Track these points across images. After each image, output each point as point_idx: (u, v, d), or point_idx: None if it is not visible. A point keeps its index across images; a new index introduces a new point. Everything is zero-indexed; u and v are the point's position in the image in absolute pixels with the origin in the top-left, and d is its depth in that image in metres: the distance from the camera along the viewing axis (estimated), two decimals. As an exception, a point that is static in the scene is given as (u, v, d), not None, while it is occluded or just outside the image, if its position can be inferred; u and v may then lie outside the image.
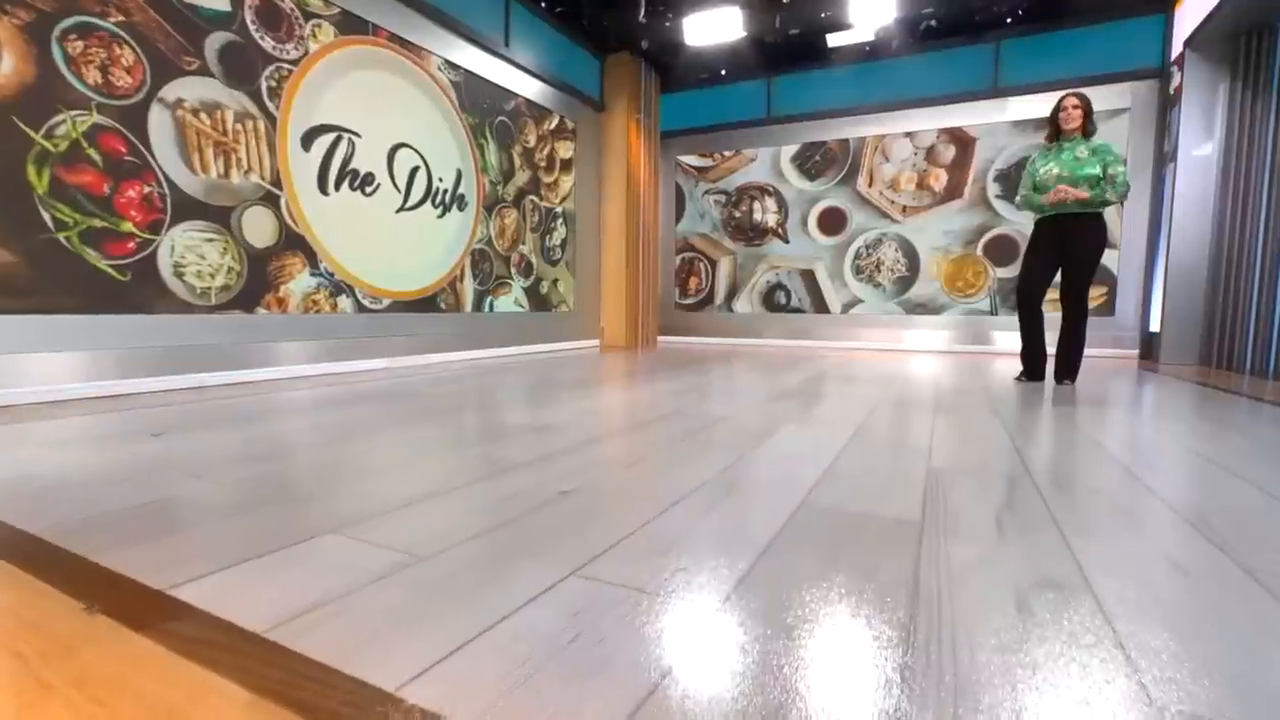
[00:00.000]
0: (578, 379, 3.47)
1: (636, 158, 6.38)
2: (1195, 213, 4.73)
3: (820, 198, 6.60)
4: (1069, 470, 1.56)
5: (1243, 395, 3.14)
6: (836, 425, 2.12)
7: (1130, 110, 5.38)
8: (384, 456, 1.64)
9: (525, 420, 2.16)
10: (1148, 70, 5.29)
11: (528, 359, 4.79)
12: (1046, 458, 1.68)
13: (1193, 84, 4.69)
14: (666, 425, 2.10)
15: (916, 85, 6.04)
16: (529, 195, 5.31)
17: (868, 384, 3.37)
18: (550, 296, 5.70)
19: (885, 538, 1.09)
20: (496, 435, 1.91)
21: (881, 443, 1.85)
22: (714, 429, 2.04)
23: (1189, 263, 4.76)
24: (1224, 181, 4.58)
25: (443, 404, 2.54)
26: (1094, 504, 1.30)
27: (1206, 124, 4.68)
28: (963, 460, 1.65)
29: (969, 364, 4.86)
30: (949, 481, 1.44)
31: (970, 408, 2.54)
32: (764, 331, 6.92)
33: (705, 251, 7.18)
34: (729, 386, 3.16)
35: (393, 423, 2.11)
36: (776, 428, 2.06)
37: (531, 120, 5.30)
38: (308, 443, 1.81)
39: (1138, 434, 2.04)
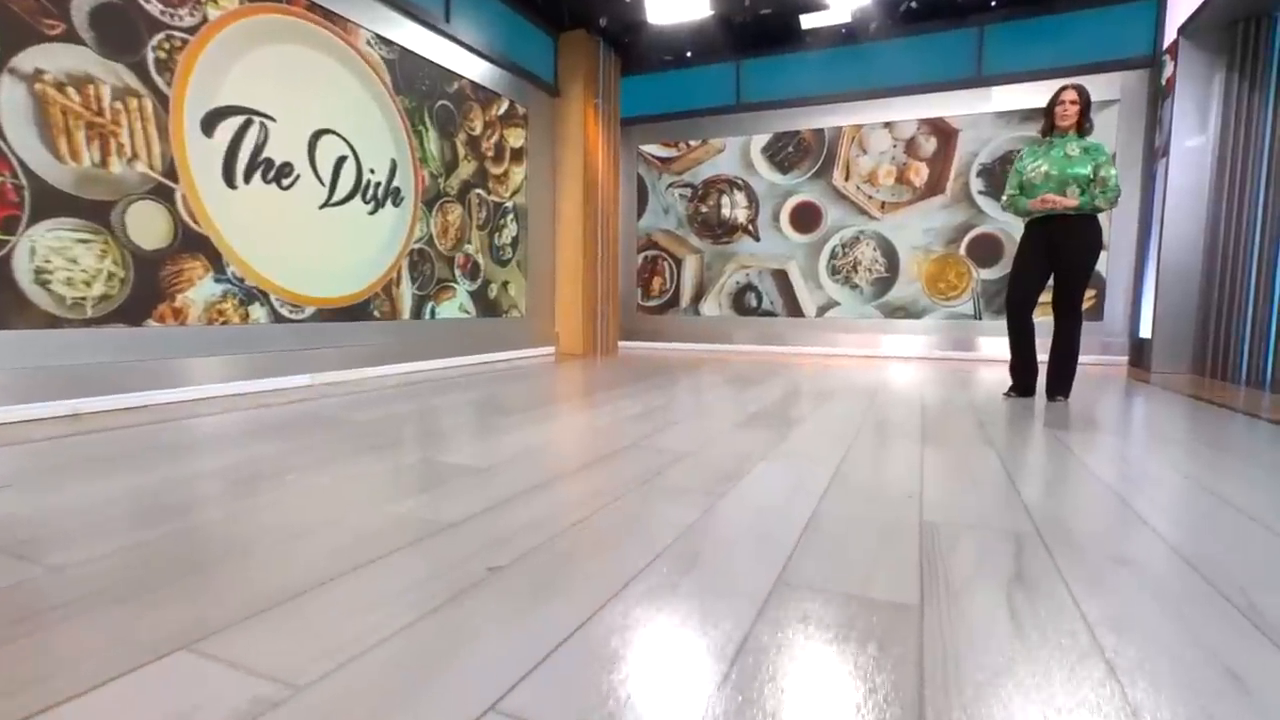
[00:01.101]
0: (526, 399, 3.31)
1: (594, 147, 6.25)
2: (1188, 211, 4.78)
3: (793, 192, 6.56)
4: (1081, 525, 1.46)
5: (1253, 415, 3.13)
6: (815, 461, 2.00)
7: (1120, 102, 5.43)
8: (283, 517, 1.45)
9: (460, 459, 1.99)
10: (1139, 59, 5.35)
11: (474, 371, 4.62)
12: (1052, 507, 1.58)
13: (1186, 74, 4.73)
14: (622, 464, 1.95)
15: (896, 72, 6.03)
16: (475, 188, 5.14)
17: (846, 401, 3.30)
18: (500, 300, 5.53)
19: (879, 638, 0.95)
20: (424, 481, 1.73)
21: (866, 486, 1.73)
22: (677, 469, 1.89)
23: (1181, 265, 4.82)
24: (1218, 178, 4.63)
25: (368, 435, 2.34)
26: (1121, 580, 1.19)
27: (1200, 117, 4.73)
28: (960, 509, 1.53)
29: (953, 373, 4.86)
30: (947, 543, 1.32)
31: (960, 434, 2.45)
32: (733, 336, 6.86)
33: (669, 249, 7.10)
34: (694, 407, 3.03)
35: (304, 463, 1.91)
36: (748, 466, 1.93)
37: (477, 105, 5.12)
38: (191, 498, 1.60)
39: (1146, 470, 1.97)
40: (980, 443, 2.30)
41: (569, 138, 6.16)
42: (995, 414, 2.94)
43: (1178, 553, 1.29)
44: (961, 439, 2.36)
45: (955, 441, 2.32)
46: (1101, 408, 3.21)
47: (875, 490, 1.70)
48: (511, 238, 5.64)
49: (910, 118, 6.10)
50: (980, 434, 2.46)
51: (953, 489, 1.72)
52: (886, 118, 6.18)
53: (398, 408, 3.01)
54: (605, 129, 6.38)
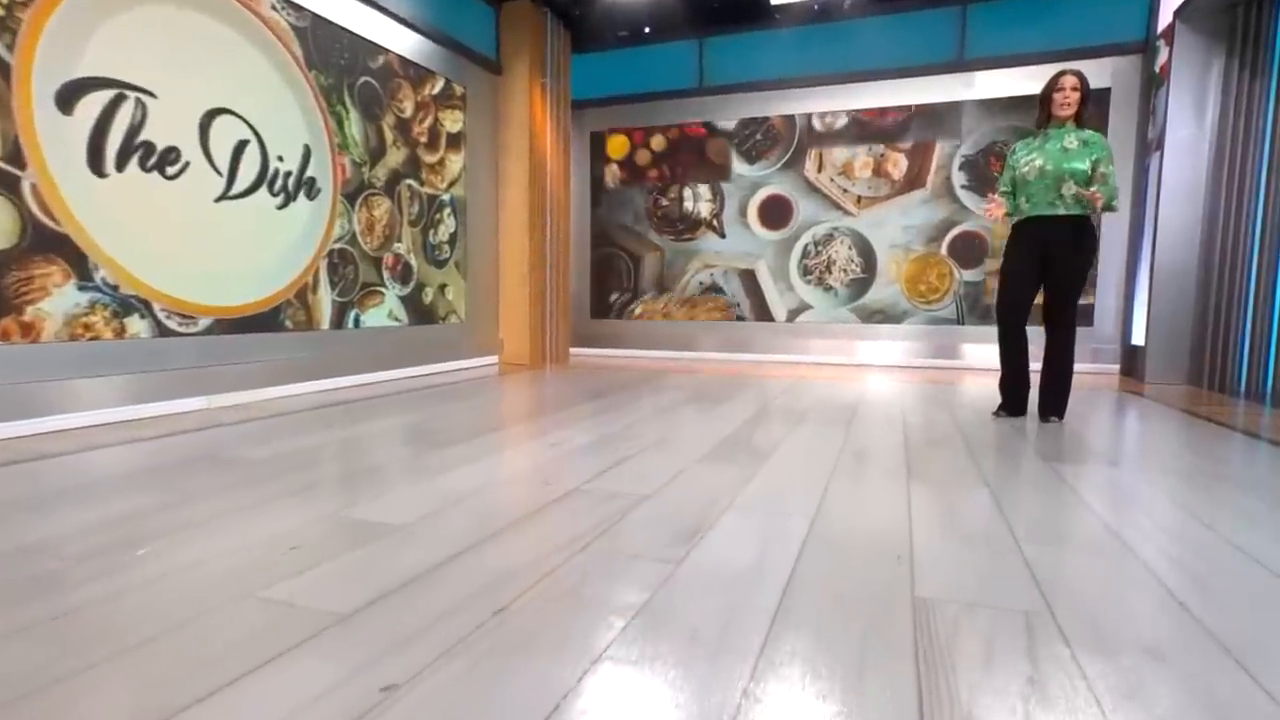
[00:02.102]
0: (461, 426, 3.12)
1: (542, 132, 6.11)
2: (1183, 209, 4.84)
3: (761, 184, 6.53)
4: (1098, 600, 1.34)
5: (1253, 435, 3.14)
6: (788, 509, 1.86)
7: (1110, 90, 5.49)
8: (122, 615, 1.24)
9: (372, 513, 1.79)
10: (1131, 44, 5.42)
11: (406, 388, 4.41)
12: (1062, 572, 1.47)
13: (1182, 60, 4.78)
14: (567, 516, 1.78)
15: (872, 54, 6.03)
16: (406, 179, 4.94)
17: (821, 423, 3.20)
18: (436, 306, 5.33)
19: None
20: (323, 548, 1.53)
21: (848, 545, 1.60)
22: (630, 522, 1.73)
23: (1176, 267, 4.87)
24: (1216, 172, 4.69)
25: (263, 479, 2.12)
26: (1158, 684, 1.07)
27: (1197, 106, 4.79)
28: (957, 578, 1.41)
29: (935, 385, 4.84)
30: (946, 629, 1.19)
31: (949, 469, 2.35)
32: (697, 343, 6.79)
33: (626, 246, 7.00)
34: (652, 435, 2.88)
35: (170, 525, 1.69)
36: (712, 517, 1.79)
37: (407, 83, 4.90)
38: (7, 584, 1.38)
39: (1159, 518, 1.89)
40: (972, 481, 2.20)
41: (513, 121, 6.00)
42: (985, 440, 2.87)
43: (1214, 637, 1.18)
44: (951, 475, 2.27)
45: (944, 479, 2.22)
46: (1098, 430, 3.18)
47: (858, 550, 1.56)
48: (449, 235, 5.45)
49: (890, 104, 6.07)
50: (971, 468, 2.37)
51: (947, 547, 1.60)
52: (862, 104, 6.16)
53: (307, 439, 2.78)
54: (554, 112, 6.23)
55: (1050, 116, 3.11)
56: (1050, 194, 3.07)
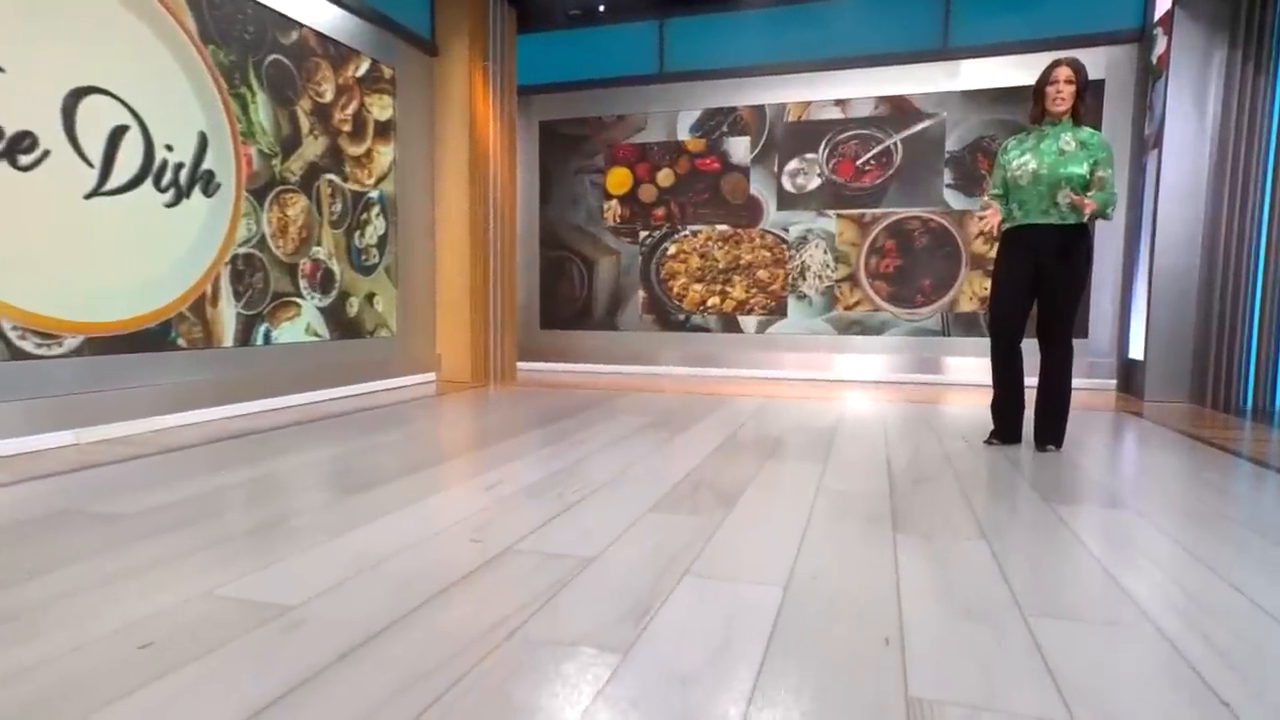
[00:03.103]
0: (381, 463, 2.94)
1: (484, 121, 5.99)
2: (1183, 211, 4.88)
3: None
4: (1127, 700, 1.22)
5: (1260, 463, 3.12)
6: (757, 574, 1.72)
7: (1104, 82, 5.53)
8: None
9: (258, 588, 1.60)
10: (1126, 33, 5.48)
11: (325, 412, 4.23)
12: (1080, 658, 1.35)
13: (1182, 51, 4.82)
14: (495, 588, 1.61)
15: (850, 39, 6.03)
16: (326, 173, 4.77)
17: (795, 456, 3.11)
18: (363, 318, 5.16)
19: None
20: (170, 653, 1.34)
21: (827, 626, 1.46)
22: (569, 595, 1.57)
23: (1176, 274, 4.91)
24: (1218, 171, 4.73)
25: (124, 543, 1.91)
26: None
27: (1197, 100, 4.83)
28: (957, 671, 1.27)
29: (919, 405, 4.82)
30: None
31: (940, 515, 2.25)
32: (658, 357, 6.76)
33: (579, 249, 6.95)
34: (603, 475, 2.73)
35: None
36: (666, 587, 1.63)
37: (326, 63, 4.72)
38: None
39: (1180, 574, 1.79)
40: (967, 530, 2.09)
41: (452, 108, 5.87)
42: (978, 476, 2.80)
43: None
44: (942, 523, 2.16)
45: (935, 528, 2.11)
46: (1098, 461, 3.14)
47: (840, 631, 1.42)
48: (377, 237, 5.29)
49: (866, 95, 6.10)
50: (965, 513, 2.27)
51: (943, 624, 1.47)
52: (838, 94, 6.18)
53: (196, 484, 2.56)
54: (498, 98, 6.11)
55: (1044, 112, 3.07)
56: (1044, 201, 3.04)
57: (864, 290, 6.22)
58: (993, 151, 5.50)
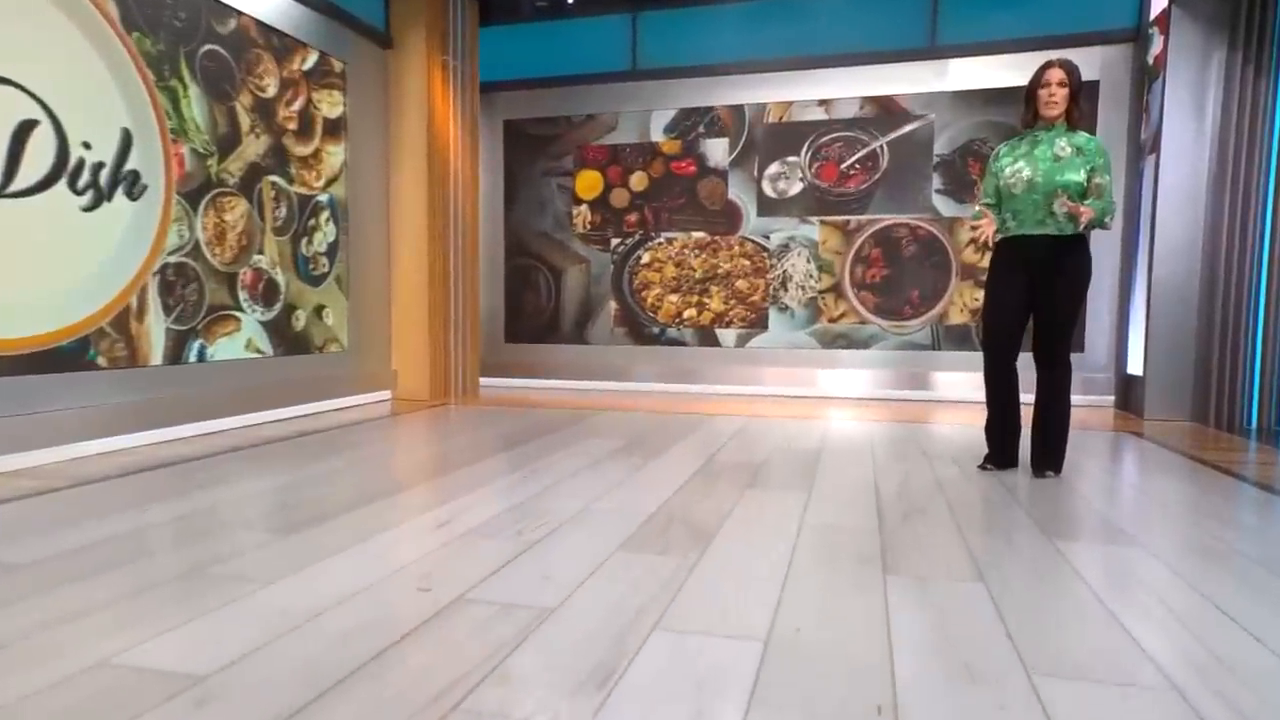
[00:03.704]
0: (324, 495, 2.81)
1: (444, 119, 5.91)
2: (1182, 219, 4.90)
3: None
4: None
5: (1268, 489, 3.10)
6: (734, 627, 1.62)
7: (1099, 84, 5.56)
8: None
9: (157, 657, 1.45)
10: (1120, 32, 5.51)
11: (267, 436, 4.09)
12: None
13: (1179, 51, 4.83)
14: (437, 652, 1.48)
15: (834, 36, 6.05)
16: (269, 175, 4.67)
17: (777, 485, 3.07)
18: (310, 332, 5.06)
19: None
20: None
21: (812, 692, 1.36)
22: (521, 659, 1.45)
23: (1177, 284, 4.92)
24: (1218, 177, 4.74)
25: (13, 600, 1.75)
26: None
27: (1196, 103, 4.85)
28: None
29: (909, 424, 4.80)
30: None
31: (934, 554, 2.16)
32: (631, 372, 6.73)
33: (546, 257, 6.92)
34: (568, 508, 2.63)
35: None
36: (633, 644, 1.53)
37: (269, 54, 4.62)
38: None
39: (1196, 624, 1.71)
40: (964, 572, 2.01)
41: (408, 106, 5.80)
42: (973, 506, 2.75)
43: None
44: (937, 564, 2.08)
45: (929, 569, 2.03)
46: (1100, 489, 3.11)
47: (827, 699, 1.33)
48: (327, 244, 5.21)
49: (851, 95, 6.11)
50: (961, 551, 2.19)
51: (940, 688, 1.37)
52: (821, 94, 6.18)
53: (103, 526, 2.39)
54: (459, 96, 6.05)
55: (1037, 116, 3.06)
56: (1040, 211, 3.01)
57: (849, 301, 6.19)
58: (984, 155, 5.50)
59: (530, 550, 2.15)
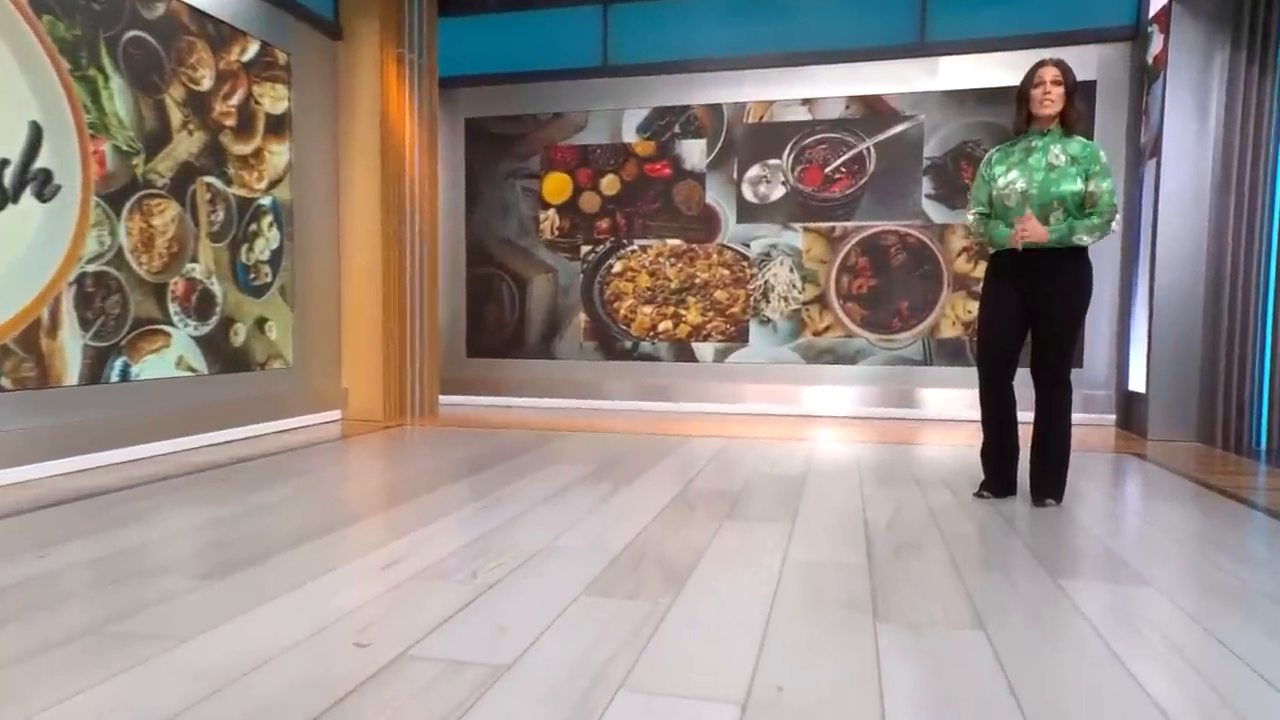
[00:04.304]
0: (259, 532, 2.69)
1: (399, 117, 5.87)
2: (1185, 227, 4.90)
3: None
4: None
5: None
6: (708, 689, 1.53)
7: (1096, 84, 5.59)
8: None
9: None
10: (1118, 30, 5.55)
11: (201, 463, 3.99)
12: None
13: (1180, 50, 4.85)
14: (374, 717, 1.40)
15: (818, 32, 6.07)
16: (204, 176, 4.58)
17: (757, 516, 3.01)
18: (251, 348, 4.98)
19: None
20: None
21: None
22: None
23: (1180, 295, 4.93)
24: (1222, 182, 4.76)
25: None
26: None
27: (1198, 104, 4.86)
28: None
29: (898, 446, 4.81)
30: None
31: (929, 597, 2.10)
32: (602, 389, 6.71)
33: (510, 266, 6.89)
34: (529, 545, 2.52)
35: None
36: (595, 708, 1.45)
37: (203, 43, 4.53)
38: None
39: (1217, 677, 1.65)
40: (962, 619, 1.94)
41: (360, 102, 5.74)
42: (969, 540, 2.70)
43: None
44: (933, 609, 2.00)
45: (924, 616, 1.96)
46: (1104, 519, 3.08)
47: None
48: (270, 251, 5.12)
49: (836, 94, 6.12)
50: (958, 595, 2.12)
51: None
52: (805, 92, 6.19)
53: (8, 568, 2.28)
54: (416, 91, 6.02)
55: (1030, 118, 3.06)
56: None
57: (835, 314, 6.17)
58: (977, 158, 5.48)
59: (485, 595, 2.05)
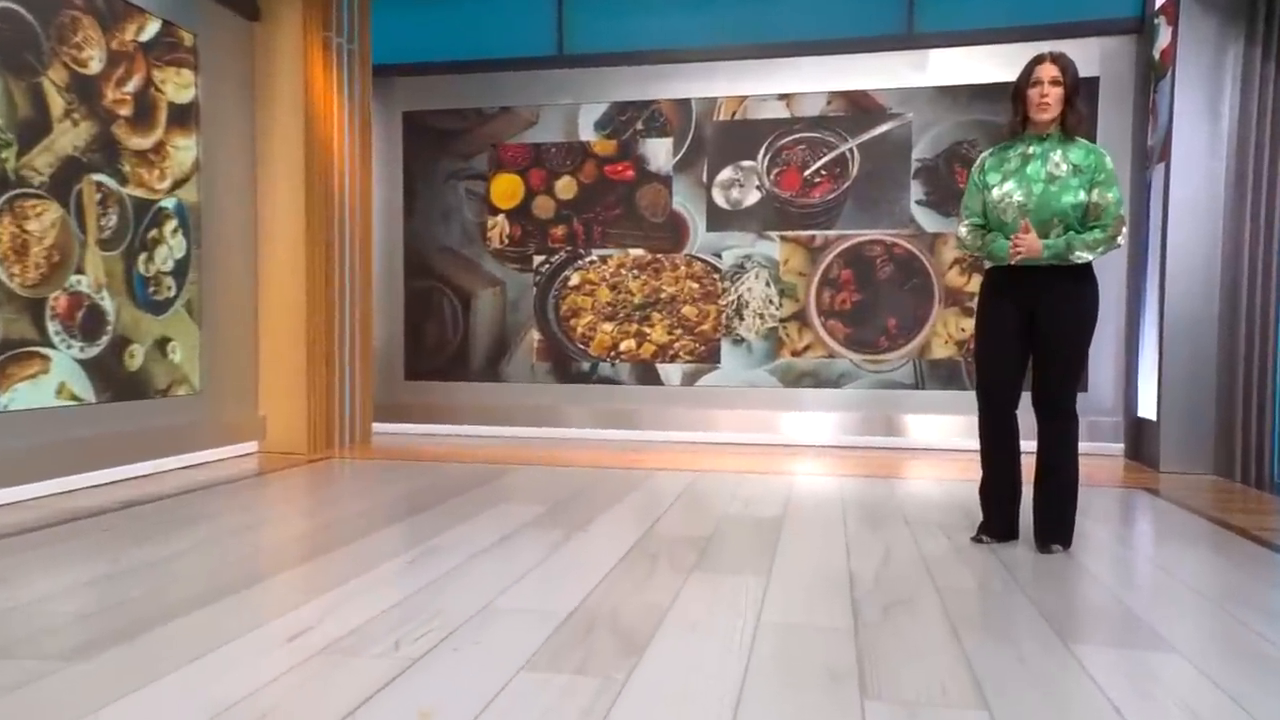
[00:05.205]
0: (132, 600, 2.54)
1: (327, 109, 5.81)
2: (1198, 237, 4.93)
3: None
4: None
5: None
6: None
7: (1099, 81, 5.64)
8: None
9: None
10: (1122, 22, 5.61)
11: (84, 507, 3.84)
12: None
13: (1190, 44, 4.88)
14: None
15: (796, 22, 6.12)
16: (94, 173, 4.46)
17: (730, 568, 2.97)
18: (150, 372, 4.86)
19: None
20: None
21: None
22: None
23: (1192, 312, 4.96)
24: (1237, 188, 4.79)
25: None
26: None
27: (1211, 104, 4.90)
28: None
29: (887, 480, 4.89)
30: None
31: (923, 667, 2.05)
32: (556, 416, 6.72)
33: (453, 279, 6.86)
34: (463, 607, 2.41)
35: None
36: None
37: (91, 20, 4.41)
38: None
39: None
40: (962, 695, 1.86)
41: (280, 91, 5.67)
42: (968, 595, 2.67)
43: None
44: (928, 684, 1.94)
45: (918, 691, 1.90)
46: (1117, 568, 3.08)
47: None
48: (174, 262, 5.01)
49: (817, 89, 6.11)
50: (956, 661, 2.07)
51: None
52: (782, 87, 6.17)
53: None
54: (347, 80, 6.00)
55: (1026, 121, 3.08)
56: None
57: (816, 332, 6.16)
58: (972, 160, 5.51)
59: (408, 672, 1.93)
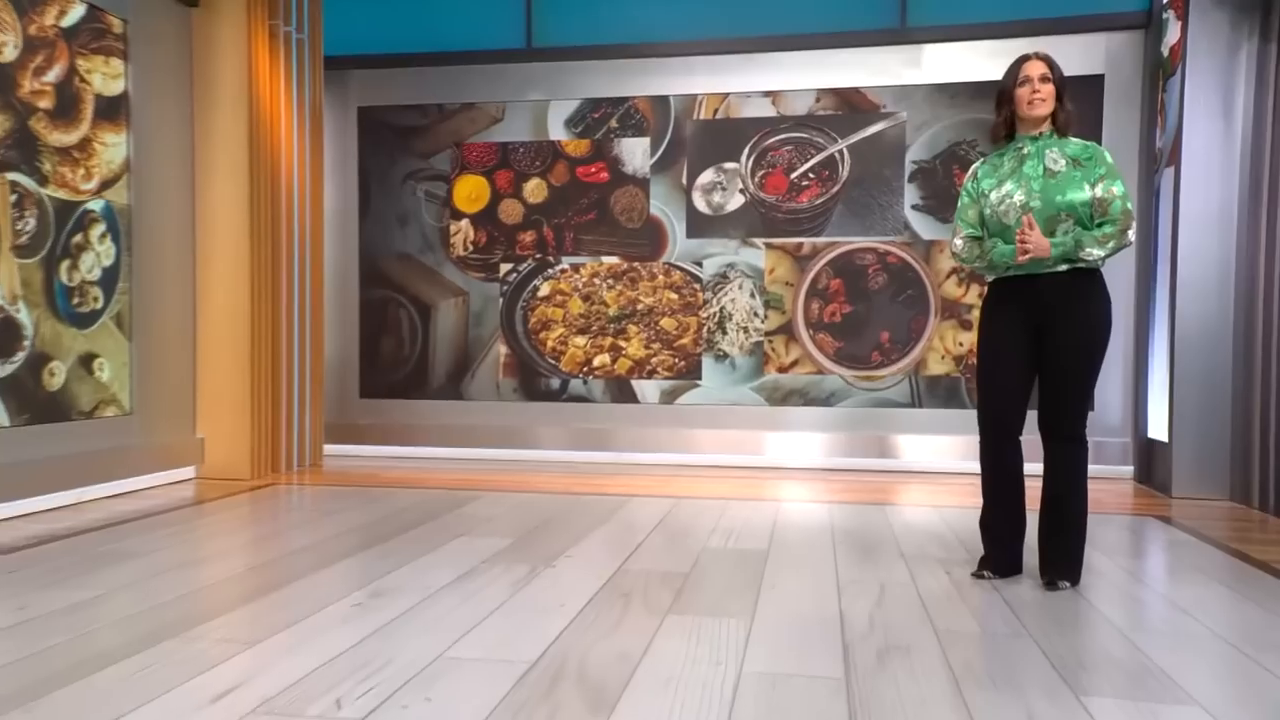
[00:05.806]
0: (31, 657, 2.42)
1: (273, 103, 5.77)
2: (1210, 246, 4.95)
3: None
4: None
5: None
6: None
7: (1104, 79, 5.67)
8: None
9: None
10: (1129, 16, 5.63)
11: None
12: None
13: (1201, 40, 4.91)
14: None
15: (782, 15, 6.13)
16: (7, 172, 4.43)
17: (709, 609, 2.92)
18: (73, 391, 4.79)
19: None
20: None
21: None
22: None
23: (1206, 326, 4.96)
24: (1253, 193, 4.80)
25: None
26: None
27: (1224, 103, 4.92)
28: None
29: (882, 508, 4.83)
30: None
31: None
32: (525, 437, 6.69)
33: (411, 288, 6.83)
34: (413, 658, 2.33)
35: None
36: None
37: (3, 2, 4.37)
38: None
39: None
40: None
41: (221, 84, 5.61)
42: (969, 641, 2.63)
43: None
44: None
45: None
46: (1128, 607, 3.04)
47: None
48: (101, 270, 4.94)
49: (806, 86, 6.13)
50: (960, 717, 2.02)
51: None
52: (768, 84, 6.19)
53: None
54: (296, 73, 5.99)
55: (1013, 124, 3.13)
56: None
57: (804, 346, 6.13)
58: (970, 162, 5.52)
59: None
